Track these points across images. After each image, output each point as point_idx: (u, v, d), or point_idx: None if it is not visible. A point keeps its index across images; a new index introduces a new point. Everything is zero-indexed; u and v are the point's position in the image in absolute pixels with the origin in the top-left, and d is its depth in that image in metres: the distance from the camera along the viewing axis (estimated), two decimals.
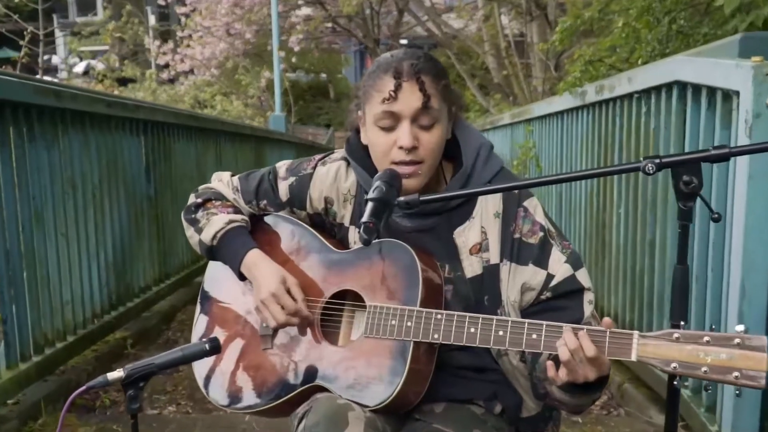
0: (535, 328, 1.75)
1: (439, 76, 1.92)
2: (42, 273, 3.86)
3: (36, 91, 3.65)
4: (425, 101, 1.86)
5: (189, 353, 1.90)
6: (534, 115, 6.11)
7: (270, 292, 2.00)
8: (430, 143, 1.92)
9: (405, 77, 1.86)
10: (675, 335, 1.60)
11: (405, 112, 1.87)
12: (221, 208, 2.17)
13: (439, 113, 1.91)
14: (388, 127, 1.90)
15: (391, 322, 1.90)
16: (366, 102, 1.94)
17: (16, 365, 3.53)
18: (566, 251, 2.00)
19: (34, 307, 3.75)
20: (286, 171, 2.17)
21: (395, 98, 1.86)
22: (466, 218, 2.00)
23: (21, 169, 3.63)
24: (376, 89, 1.89)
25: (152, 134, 5.52)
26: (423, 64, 1.89)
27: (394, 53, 1.94)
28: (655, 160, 1.62)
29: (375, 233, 1.65)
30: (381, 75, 1.89)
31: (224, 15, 17.59)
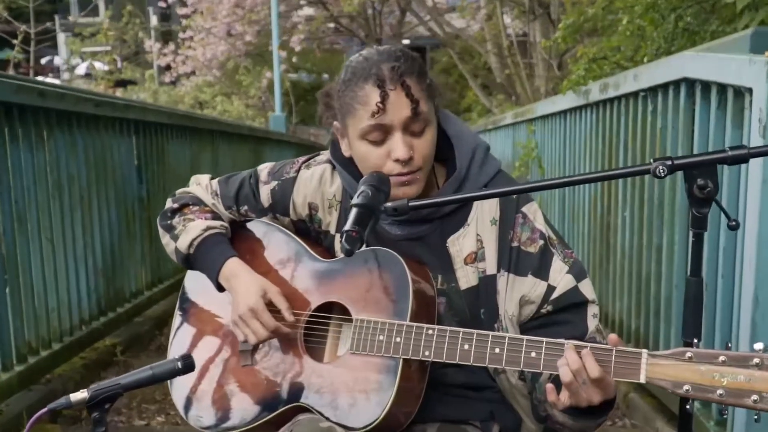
0: (534, 345, 1.61)
1: (421, 75, 1.77)
2: (25, 279, 3.72)
3: (18, 90, 3.52)
4: (414, 108, 1.72)
5: (159, 372, 1.76)
6: (536, 114, 5.96)
7: (248, 307, 1.86)
8: (424, 149, 1.78)
9: (389, 85, 1.71)
10: (687, 354, 1.46)
11: (395, 122, 1.73)
12: (199, 213, 2.03)
13: (429, 114, 1.77)
14: (378, 140, 1.75)
15: (379, 337, 1.76)
16: (347, 115, 1.78)
17: None
18: (569, 261, 1.86)
19: (16, 315, 3.61)
20: (268, 174, 2.03)
21: (382, 110, 1.71)
22: (460, 225, 1.86)
23: (2, 171, 3.49)
24: (358, 102, 1.73)
25: (144, 134, 5.38)
26: (404, 65, 1.73)
27: (368, 56, 1.77)
28: (667, 162, 1.48)
29: (359, 243, 1.51)
30: (361, 85, 1.73)
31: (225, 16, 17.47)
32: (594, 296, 1.87)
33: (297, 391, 1.84)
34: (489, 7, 13.78)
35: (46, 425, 3.61)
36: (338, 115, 1.82)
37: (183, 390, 1.99)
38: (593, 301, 1.86)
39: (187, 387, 1.99)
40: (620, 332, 4.08)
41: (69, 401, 1.62)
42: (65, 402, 1.62)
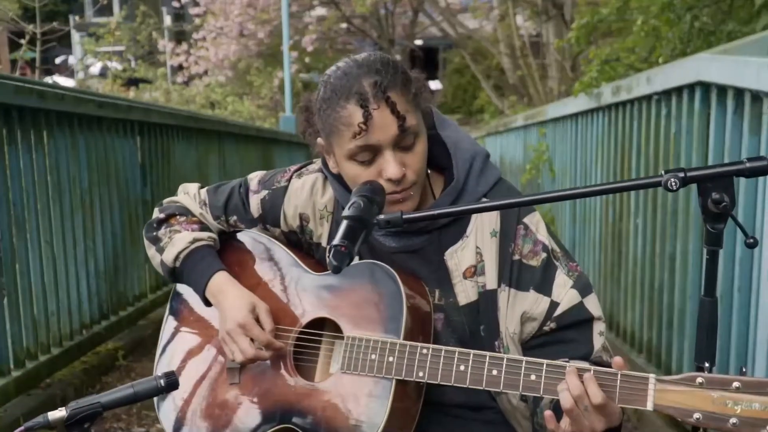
0: (534, 368, 1.52)
1: (406, 84, 1.65)
2: (23, 283, 3.65)
3: (17, 91, 3.45)
4: (401, 124, 1.61)
5: (141, 390, 1.67)
6: (548, 117, 5.84)
7: (237, 323, 1.77)
8: (416, 163, 1.68)
9: (372, 103, 1.60)
10: (699, 380, 1.36)
11: (383, 141, 1.62)
12: (186, 224, 1.94)
13: (418, 126, 1.67)
14: (367, 160, 1.65)
15: (371, 356, 1.67)
16: (331, 135, 1.68)
17: None
18: (573, 274, 1.76)
19: (14, 319, 3.54)
20: (258, 184, 1.94)
21: (367, 130, 1.60)
22: (458, 237, 1.76)
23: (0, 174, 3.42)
24: (341, 122, 1.63)
25: (149, 136, 5.31)
26: (386, 78, 1.62)
27: (347, 70, 1.65)
28: (679, 174, 1.37)
29: (348, 258, 1.41)
30: (343, 104, 1.62)
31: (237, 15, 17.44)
32: (600, 313, 1.77)
33: (285, 412, 1.75)
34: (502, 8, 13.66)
35: None
36: (321, 133, 1.72)
37: (170, 407, 1.91)
38: (599, 317, 1.76)
39: (174, 405, 1.90)
40: (632, 343, 3.97)
41: (47, 419, 1.54)
42: (42, 420, 1.54)
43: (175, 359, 1.95)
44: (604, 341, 1.77)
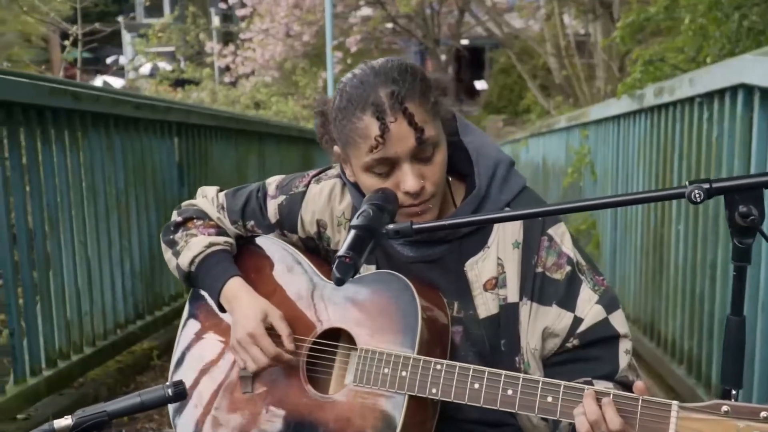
0: (551, 389, 1.44)
1: (425, 93, 1.59)
2: (56, 283, 3.68)
3: (51, 92, 3.46)
4: (419, 136, 1.55)
5: (148, 400, 1.64)
6: (590, 118, 5.71)
7: (247, 332, 1.72)
8: (435, 174, 1.62)
9: (389, 116, 1.54)
10: (724, 408, 1.28)
11: (400, 154, 1.56)
12: (202, 228, 1.91)
13: (438, 136, 1.61)
14: (384, 172, 1.60)
15: (384, 369, 1.61)
16: (347, 146, 1.62)
17: (24, 380, 3.34)
18: (599, 289, 1.68)
19: (46, 319, 3.57)
20: (276, 188, 1.89)
21: (383, 143, 1.54)
22: (479, 248, 1.70)
23: (33, 174, 3.44)
24: (357, 134, 1.57)
25: (186, 136, 5.32)
26: (404, 87, 1.55)
27: (363, 78, 1.59)
28: (704, 186, 1.29)
29: (352, 270, 1.35)
30: (359, 115, 1.56)
31: (283, 17, 17.53)
32: (627, 330, 1.69)
33: (296, 424, 1.71)
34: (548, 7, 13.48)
35: None
36: (338, 142, 1.67)
37: (182, 414, 1.88)
38: (626, 335, 1.68)
39: (186, 412, 1.87)
40: (672, 353, 3.84)
41: (52, 428, 1.52)
42: (48, 428, 1.52)
43: (189, 365, 1.92)
44: (631, 360, 1.69)
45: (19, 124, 3.31)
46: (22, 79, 3.30)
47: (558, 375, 1.65)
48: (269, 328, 1.74)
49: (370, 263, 1.77)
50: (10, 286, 3.19)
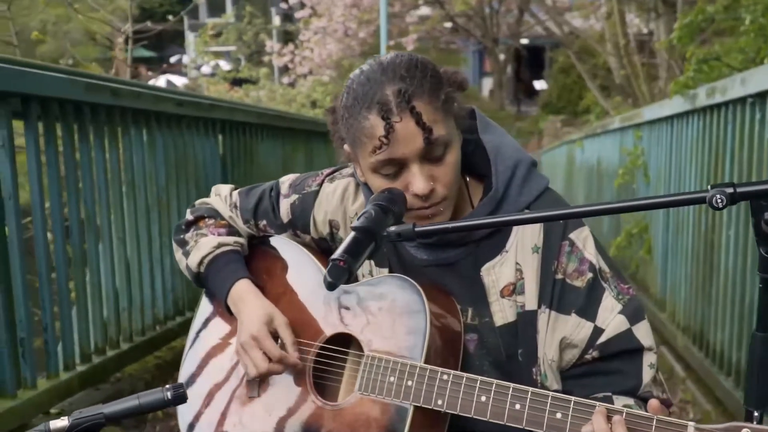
0: (560, 404, 1.35)
1: (435, 90, 1.50)
2: (93, 279, 3.68)
3: (87, 88, 3.47)
4: (427, 137, 1.46)
5: (146, 402, 1.60)
6: (644, 119, 5.53)
7: (250, 335, 1.67)
8: (446, 176, 1.53)
9: (395, 115, 1.45)
10: (744, 431, 1.16)
11: (408, 154, 1.48)
12: (213, 228, 1.86)
13: (449, 135, 1.52)
14: (392, 173, 1.52)
15: (390, 378, 1.54)
16: (355, 146, 1.55)
17: (56, 375, 3.35)
18: (623, 298, 1.58)
19: (81, 315, 3.57)
20: (289, 187, 1.83)
21: (389, 144, 1.46)
22: (497, 252, 1.61)
23: (69, 170, 3.45)
24: (363, 134, 1.49)
25: (231, 134, 5.32)
26: (412, 85, 1.47)
27: (370, 75, 1.51)
28: (727, 190, 1.18)
29: (346, 274, 1.28)
30: (365, 114, 1.48)
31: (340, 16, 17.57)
32: (652, 342, 1.59)
33: None
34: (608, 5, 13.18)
35: None
36: (347, 141, 1.60)
37: (188, 416, 1.83)
38: (650, 348, 1.57)
39: (191, 414, 1.83)
40: (720, 365, 3.68)
41: (48, 428, 1.49)
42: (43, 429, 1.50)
43: (198, 367, 1.87)
44: (656, 375, 1.58)
45: (56, 119, 3.32)
46: (58, 74, 3.31)
47: (577, 389, 1.56)
48: (274, 333, 1.69)
49: (383, 266, 1.70)
50: (44, 281, 3.20)
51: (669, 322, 4.57)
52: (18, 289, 3.04)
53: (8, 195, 2.97)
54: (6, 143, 2.94)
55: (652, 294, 5.17)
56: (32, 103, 3.10)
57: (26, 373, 3.11)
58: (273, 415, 1.69)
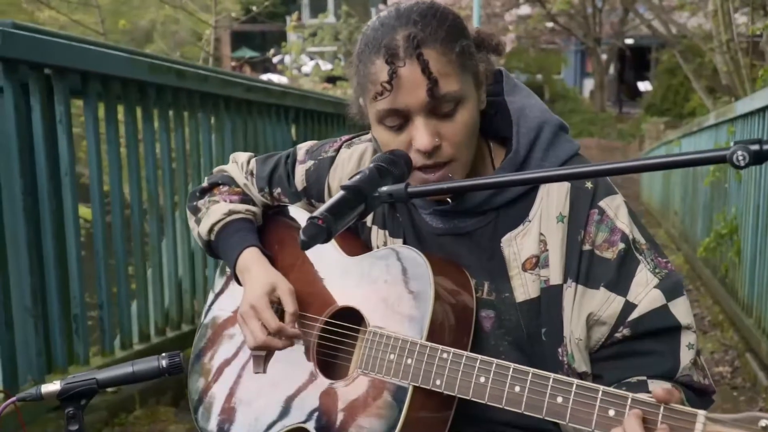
0: (561, 388, 1.21)
1: (450, 39, 1.37)
2: (154, 260, 3.71)
3: (151, 68, 3.48)
4: (430, 88, 1.33)
5: (141, 370, 1.57)
6: (736, 113, 5.18)
7: (249, 305, 1.59)
8: (456, 135, 1.40)
9: (400, 60, 1.34)
10: (762, 423, 1.01)
11: (412, 106, 1.36)
12: (226, 195, 1.79)
13: (462, 91, 1.38)
14: (396, 125, 1.40)
15: (390, 355, 1.43)
16: (362, 94, 1.44)
17: (111, 353, 3.37)
18: (660, 272, 1.42)
19: (141, 295, 3.60)
20: (306, 153, 1.74)
21: (390, 91, 1.34)
22: (519, 221, 1.47)
23: (131, 149, 3.47)
24: (368, 79, 1.38)
25: (305, 122, 5.29)
26: (423, 31, 1.35)
27: (384, 20, 1.40)
28: (752, 147, 1.02)
29: (323, 235, 1.16)
30: (372, 59, 1.37)
31: None
32: (691, 320, 1.42)
33: (301, 411, 1.55)
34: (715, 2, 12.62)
35: (160, 408, 3.57)
36: (357, 90, 1.49)
37: (196, 388, 1.78)
38: (688, 326, 1.41)
39: (200, 386, 1.77)
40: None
41: (39, 392, 1.47)
42: (35, 392, 1.47)
43: (209, 340, 1.81)
44: (695, 357, 1.41)
45: (118, 98, 3.34)
46: (119, 53, 3.33)
47: (607, 372, 1.42)
48: (277, 302, 1.60)
49: (397, 236, 1.59)
50: (101, 259, 3.22)
51: (755, 329, 4.26)
52: (73, 266, 3.07)
53: (65, 172, 3.01)
54: (63, 119, 2.97)
55: (739, 298, 4.85)
56: (92, 81, 3.12)
57: (78, 350, 3.13)
58: (276, 391, 1.60)
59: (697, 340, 1.43)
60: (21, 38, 2.73)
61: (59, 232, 3.00)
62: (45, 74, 2.90)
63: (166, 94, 3.67)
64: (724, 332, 5.07)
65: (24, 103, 2.84)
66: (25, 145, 2.81)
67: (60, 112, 2.96)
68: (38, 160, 2.88)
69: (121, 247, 3.39)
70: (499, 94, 1.54)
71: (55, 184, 2.96)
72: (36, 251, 2.89)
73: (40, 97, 2.86)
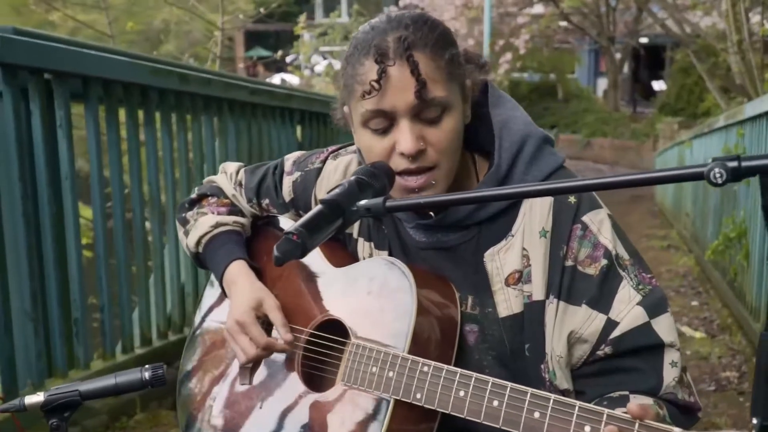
0: (539, 403, 1.20)
1: (440, 46, 1.37)
2: (156, 262, 3.71)
3: (153, 72, 3.49)
4: (419, 90, 1.33)
5: (123, 382, 1.55)
6: (745, 115, 5.14)
7: (235, 320, 1.58)
8: (441, 141, 1.39)
9: (390, 59, 1.34)
10: None
11: (399, 107, 1.36)
12: (215, 206, 1.79)
13: (449, 98, 1.38)
14: (381, 128, 1.39)
15: (372, 368, 1.42)
16: (349, 97, 1.43)
17: (112, 357, 3.38)
18: (644, 288, 1.40)
19: (142, 298, 3.60)
20: (293, 164, 1.74)
21: (378, 90, 1.34)
22: (502, 236, 1.46)
23: (133, 154, 3.48)
24: (356, 80, 1.38)
25: (310, 124, 5.29)
26: (414, 35, 1.35)
27: (376, 24, 1.41)
28: (729, 164, 1.00)
29: (298, 251, 1.15)
30: (362, 60, 1.37)
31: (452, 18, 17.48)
32: (674, 338, 1.40)
33: (285, 423, 1.54)
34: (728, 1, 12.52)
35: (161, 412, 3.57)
36: (343, 95, 1.48)
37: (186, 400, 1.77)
38: (672, 344, 1.39)
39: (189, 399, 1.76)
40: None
41: (22, 404, 1.46)
42: (18, 404, 1.46)
43: (198, 351, 1.81)
44: (682, 375, 1.39)
45: (119, 101, 3.35)
46: (120, 57, 3.34)
47: (589, 388, 1.40)
48: (264, 317, 1.59)
49: (382, 248, 1.59)
50: (101, 262, 3.23)
51: None
52: (73, 269, 3.08)
53: (65, 175, 3.02)
54: (64, 123, 2.98)
55: (747, 302, 4.80)
56: (93, 85, 3.13)
57: (79, 354, 3.14)
58: (261, 403, 1.60)
59: (681, 358, 1.41)
60: (20, 44, 2.74)
61: (59, 235, 3.01)
62: (45, 79, 2.91)
63: (169, 98, 3.68)
64: (733, 336, 5.02)
65: (24, 108, 2.85)
66: (25, 150, 2.82)
67: (60, 117, 2.97)
68: (38, 165, 2.89)
69: (123, 250, 3.39)
70: (484, 105, 1.53)
71: (55, 188, 2.97)
72: (36, 255, 2.90)
73: (40, 101, 2.86)
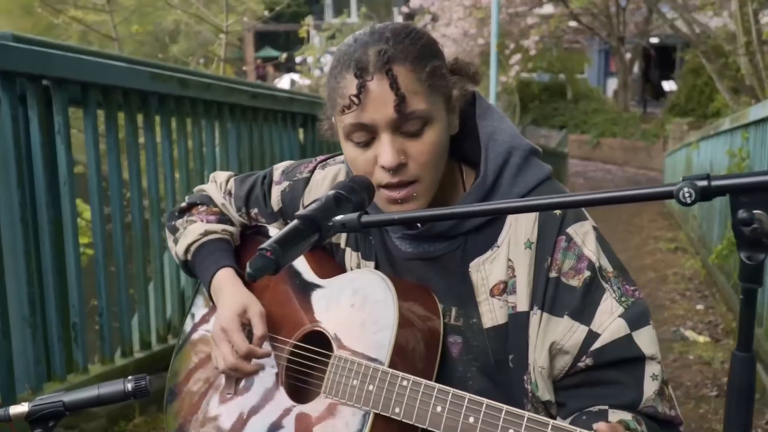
0: (514, 420, 1.20)
1: (422, 59, 1.37)
2: (156, 266, 3.73)
3: (153, 77, 3.50)
4: (398, 104, 1.33)
5: (106, 393, 1.55)
6: (749, 119, 5.12)
7: (220, 327, 1.59)
8: (422, 155, 1.39)
9: (369, 74, 1.34)
10: None
11: (378, 121, 1.36)
12: (204, 215, 1.80)
13: (430, 111, 1.38)
14: (363, 141, 1.40)
15: (353, 381, 1.42)
16: (332, 110, 1.44)
17: (111, 361, 3.39)
18: (626, 300, 1.40)
19: (142, 302, 3.62)
20: (282, 174, 1.75)
21: (357, 105, 1.34)
22: (487, 247, 1.46)
23: (132, 159, 3.49)
24: (338, 94, 1.38)
25: (312, 127, 5.30)
26: (395, 48, 1.35)
27: (360, 36, 1.41)
28: (699, 183, 1.00)
29: (271, 267, 1.15)
30: (343, 73, 1.38)
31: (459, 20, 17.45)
32: (655, 351, 1.40)
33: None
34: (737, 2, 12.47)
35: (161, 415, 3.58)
36: (327, 107, 1.49)
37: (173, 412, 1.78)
38: (653, 357, 1.39)
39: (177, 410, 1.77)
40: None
41: (7, 414, 1.47)
42: (3, 414, 1.47)
43: (186, 362, 1.81)
44: (661, 388, 1.39)
45: (119, 107, 3.36)
46: (119, 63, 3.35)
47: (570, 400, 1.41)
48: (249, 324, 1.60)
49: (369, 259, 1.59)
50: (101, 266, 3.24)
51: (764, 339, 4.20)
52: (72, 274, 3.09)
53: (64, 181, 3.03)
54: (62, 129, 2.99)
55: None
56: (92, 91, 3.14)
57: (78, 358, 3.15)
58: (244, 414, 1.61)
59: (663, 371, 1.41)
60: (18, 51, 2.75)
61: (57, 241, 3.02)
62: (43, 85, 2.93)
63: (169, 103, 3.69)
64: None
65: (22, 114, 2.86)
66: (23, 156, 2.83)
67: (58, 123, 2.98)
68: (36, 170, 2.90)
69: (122, 254, 3.41)
70: (472, 117, 1.53)
71: (53, 193, 2.98)
72: (34, 260, 2.91)
73: (38, 108, 2.88)
